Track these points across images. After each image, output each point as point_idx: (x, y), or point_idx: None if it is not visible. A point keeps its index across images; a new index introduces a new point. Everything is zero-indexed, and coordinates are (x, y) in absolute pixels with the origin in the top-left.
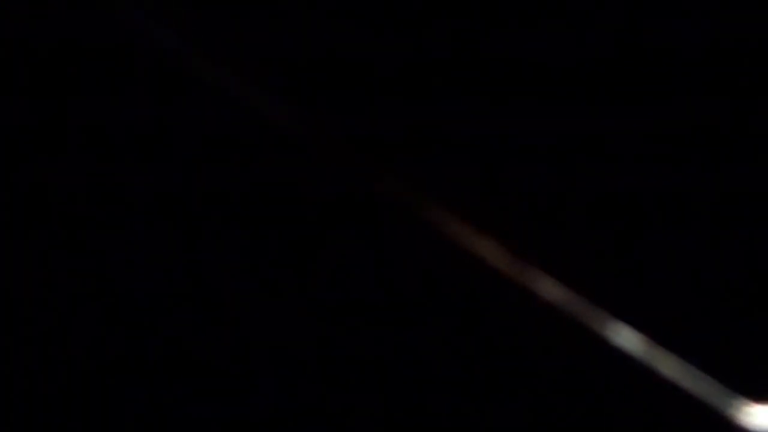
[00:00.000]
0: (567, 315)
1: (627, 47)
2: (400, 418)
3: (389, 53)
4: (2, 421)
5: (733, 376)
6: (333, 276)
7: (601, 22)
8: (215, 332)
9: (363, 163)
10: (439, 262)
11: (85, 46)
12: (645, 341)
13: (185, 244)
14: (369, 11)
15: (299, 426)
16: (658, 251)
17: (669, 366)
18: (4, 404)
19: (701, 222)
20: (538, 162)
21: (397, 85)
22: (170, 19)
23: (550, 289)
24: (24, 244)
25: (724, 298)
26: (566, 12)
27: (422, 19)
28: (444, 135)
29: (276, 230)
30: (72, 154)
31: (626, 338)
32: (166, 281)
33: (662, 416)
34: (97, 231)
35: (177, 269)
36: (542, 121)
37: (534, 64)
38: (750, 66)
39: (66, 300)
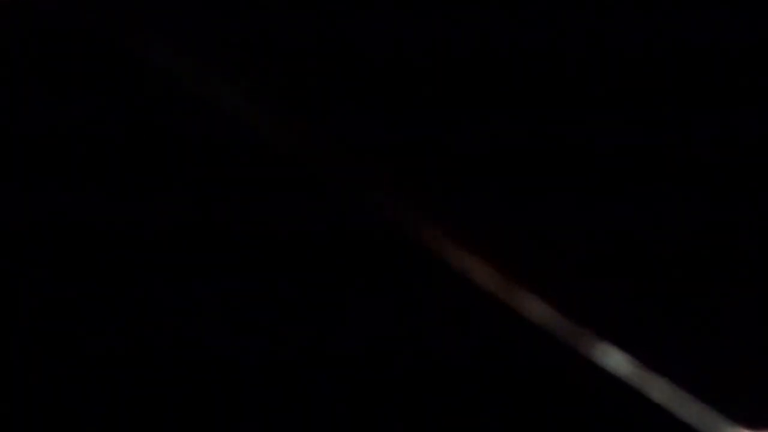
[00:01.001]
0: (557, 338)
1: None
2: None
3: (384, 68)
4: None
5: (725, 402)
6: (320, 289)
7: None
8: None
9: (352, 179)
10: (427, 281)
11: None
12: (635, 365)
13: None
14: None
15: None
16: (650, 273)
17: (660, 391)
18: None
19: (694, 243)
20: (527, 181)
21: (385, 102)
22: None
23: (539, 310)
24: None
25: (717, 321)
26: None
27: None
28: (434, 153)
29: (265, 247)
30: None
31: (617, 361)
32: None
33: None
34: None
35: (168, 283)
36: (533, 140)
37: (524, 84)
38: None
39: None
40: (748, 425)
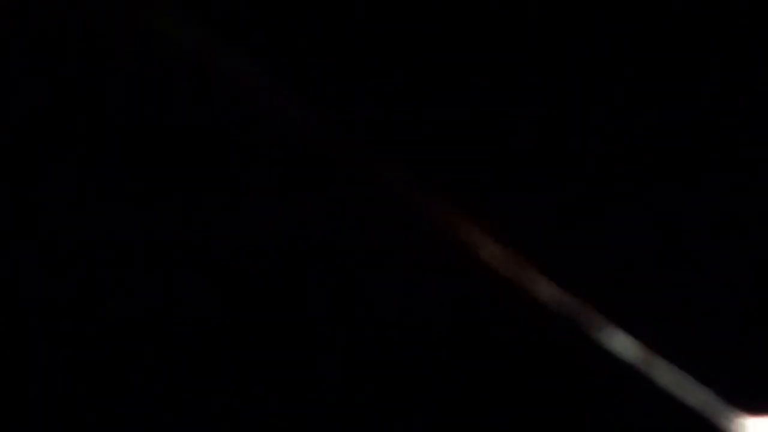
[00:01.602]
0: (564, 320)
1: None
2: (392, 417)
3: (396, 49)
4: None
5: (729, 387)
6: (328, 267)
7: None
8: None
9: (362, 155)
10: (436, 263)
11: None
12: (642, 349)
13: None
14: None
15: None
16: (657, 257)
17: (665, 376)
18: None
19: (701, 230)
20: (537, 163)
21: (397, 81)
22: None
23: (547, 293)
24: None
25: (722, 307)
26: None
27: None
28: (444, 132)
29: (275, 222)
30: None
31: (623, 346)
32: (170, 278)
33: (656, 427)
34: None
35: (181, 259)
36: (542, 120)
37: (530, 67)
38: None
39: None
40: (749, 411)
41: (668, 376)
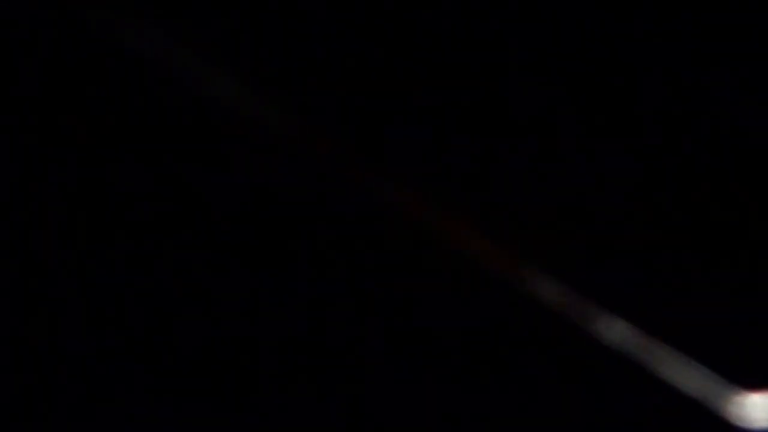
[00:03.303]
0: (557, 305)
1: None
2: (387, 411)
3: (386, 53)
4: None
5: (727, 367)
6: (327, 271)
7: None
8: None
9: (358, 162)
10: (430, 256)
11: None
12: (637, 333)
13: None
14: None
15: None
16: (650, 243)
17: (661, 357)
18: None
19: (692, 214)
20: (531, 157)
21: (390, 83)
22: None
23: (542, 283)
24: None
25: (717, 288)
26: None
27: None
28: (441, 132)
29: (270, 233)
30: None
31: (617, 329)
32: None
33: (654, 408)
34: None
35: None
36: (538, 117)
37: (527, 63)
38: None
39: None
40: (750, 388)
41: (664, 357)
